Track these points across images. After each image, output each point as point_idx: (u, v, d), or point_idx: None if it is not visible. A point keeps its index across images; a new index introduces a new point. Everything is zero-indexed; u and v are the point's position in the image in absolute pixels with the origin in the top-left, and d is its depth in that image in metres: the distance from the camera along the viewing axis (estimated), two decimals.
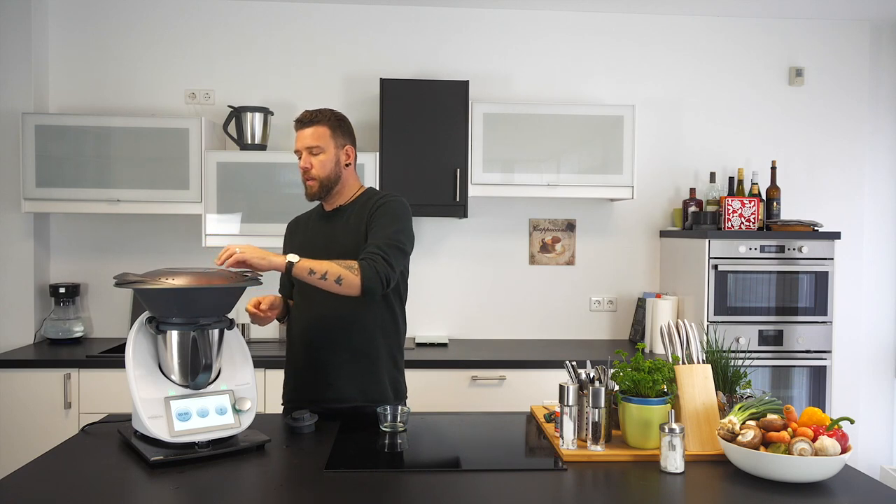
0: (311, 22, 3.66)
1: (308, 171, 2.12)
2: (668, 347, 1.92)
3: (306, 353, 2.15)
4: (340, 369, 2.11)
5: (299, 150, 2.13)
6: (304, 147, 2.12)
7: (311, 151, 2.12)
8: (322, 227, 2.20)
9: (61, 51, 3.57)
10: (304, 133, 2.13)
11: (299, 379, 2.17)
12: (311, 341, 2.14)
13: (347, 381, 2.11)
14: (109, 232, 3.61)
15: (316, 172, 2.12)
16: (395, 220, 2.08)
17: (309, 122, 2.13)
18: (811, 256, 3.29)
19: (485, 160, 3.36)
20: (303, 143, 2.12)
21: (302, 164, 2.12)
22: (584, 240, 3.78)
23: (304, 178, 2.15)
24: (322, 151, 2.12)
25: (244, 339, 1.99)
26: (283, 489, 1.57)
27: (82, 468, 1.67)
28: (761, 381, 3.25)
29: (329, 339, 2.12)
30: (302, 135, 2.13)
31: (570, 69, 3.74)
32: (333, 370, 2.11)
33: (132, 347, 1.78)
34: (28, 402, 3.01)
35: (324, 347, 2.12)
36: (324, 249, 2.09)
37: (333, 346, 2.12)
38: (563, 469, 1.69)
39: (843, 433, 1.62)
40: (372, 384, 2.12)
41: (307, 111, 2.16)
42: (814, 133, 3.82)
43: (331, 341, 2.12)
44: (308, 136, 2.12)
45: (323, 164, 2.12)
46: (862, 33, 3.81)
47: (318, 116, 2.14)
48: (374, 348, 2.14)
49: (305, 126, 2.13)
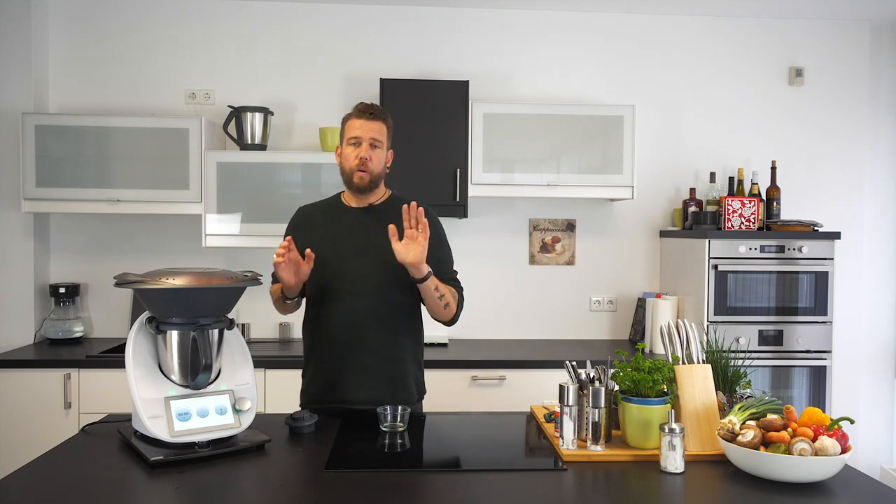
0: (311, 22, 3.66)
1: (366, 161, 2.10)
2: (668, 347, 1.92)
3: (338, 354, 2.13)
4: (373, 371, 2.12)
5: (360, 138, 2.10)
6: (367, 137, 2.11)
7: (372, 144, 2.12)
8: (358, 223, 2.17)
9: (61, 51, 3.57)
10: (369, 125, 2.11)
11: (328, 380, 2.14)
12: (343, 343, 2.12)
13: (379, 383, 2.12)
14: (109, 232, 3.61)
15: (372, 166, 2.12)
16: (448, 246, 2.23)
17: (375, 115, 2.13)
18: (811, 256, 3.29)
19: (485, 160, 3.36)
20: (367, 133, 2.11)
21: (362, 153, 2.10)
22: (584, 240, 3.78)
23: (355, 167, 2.11)
24: (380, 147, 2.14)
25: (244, 339, 1.98)
26: (283, 489, 1.57)
27: (82, 468, 1.67)
28: (761, 381, 3.25)
29: (363, 341, 2.12)
30: (367, 125, 2.11)
31: (570, 69, 3.74)
32: (366, 372, 2.12)
33: (132, 347, 1.78)
34: (28, 402, 3.01)
35: (357, 350, 2.12)
36: (364, 245, 2.12)
37: (367, 349, 2.12)
38: (563, 469, 1.69)
39: (843, 433, 1.62)
40: (400, 387, 2.16)
41: (369, 103, 2.15)
42: (814, 133, 3.82)
43: (365, 344, 2.12)
44: (375, 129, 2.12)
45: (379, 160, 2.14)
46: (862, 33, 3.81)
47: (382, 113, 2.15)
48: (403, 351, 2.17)
49: (372, 119, 2.12)
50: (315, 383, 2.18)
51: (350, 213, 2.19)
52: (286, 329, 3.60)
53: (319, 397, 2.16)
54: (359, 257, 2.12)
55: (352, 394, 2.10)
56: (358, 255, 2.13)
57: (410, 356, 2.20)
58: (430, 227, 2.04)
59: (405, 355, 2.18)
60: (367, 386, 2.11)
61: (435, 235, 2.13)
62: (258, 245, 3.31)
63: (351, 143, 2.12)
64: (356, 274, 2.12)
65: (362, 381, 2.11)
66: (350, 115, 2.15)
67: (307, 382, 2.22)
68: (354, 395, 2.09)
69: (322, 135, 3.44)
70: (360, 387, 2.11)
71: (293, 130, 3.66)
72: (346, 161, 2.13)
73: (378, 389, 2.11)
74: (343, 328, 2.12)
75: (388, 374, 2.14)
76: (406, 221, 1.98)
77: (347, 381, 2.12)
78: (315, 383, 2.18)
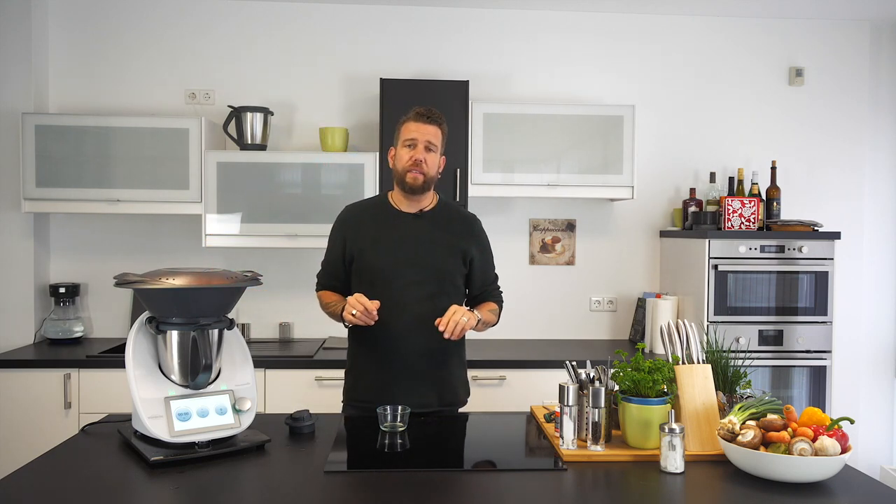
0: (311, 22, 3.66)
1: (421, 164, 2.14)
2: (668, 347, 1.92)
3: (387, 359, 2.16)
4: (422, 377, 2.17)
5: (416, 140, 2.14)
6: (424, 140, 2.15)
7: (427, 147, 2.15)
8: (409, 229, 2.20)
9: (61, 51, 3.57)
10: (427, 128, 2.15)
11: (377, 383, 2.17)
12: (392, 348, 2.15)
13: (427, 388, 2.17)
14: (109, 232, 3.61)
15: (427, 169, 2.15)
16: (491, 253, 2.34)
17: (433, 119, 2.17)
18: (811, 256, 3.29)
19: (485, 160, 3.36)
20: (424, 136, 2.15)
21: (418, 155, 2.14)
22: (584, 240, 3.78)
23: (410, 167, 2.14)
24: (435, 151, 2.18)
25: (244, 339, 1.99)
26: (283, 489, 1.57)
27: (82, 468, 1.67)
28: (761, 381, 3.25)
29: (413, 347, 2.15)
30: (425, 129, 2.15)
31: (570, 69, 3.74)
32: (415, 377, 2.16)
33: (132, 347, 1.78)
34: (28, 402, 3.01)
35: (407, 355, 2.15)
36: (415, 252, 2.16)
37: (417, 355, 2.15)
38: (563, 469, 1.69)
39: (843, 433, 1.62)
40: (448, 390, 2.22)
41: (427, 108, 2.19)
42: (814, 133, 3.82)
43: (415, 350, 2.15)
44: (431, 132, 2.16)
45: (433, 163, 2.18)
46: (862, 33, 3.81)
47: (439, 118, 2.19)
48: (450, 355, 2.23)
49: (430, 122, 2.16)
50: (361, 385, 2.21)
51: (401, 218, 2.21)
52: (286, 329, 3.60)
53: (367, 398, 2.17)
54: (410, 264, 2.16)
55: (403, 397, 2.10)
56: (409, 262, 2.16)
57: (457, 360, 2.27)
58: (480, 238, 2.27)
59: (452, 359, 2.24)
60: (416, 391, 2.15)
61: (482, 247, 2.28)
62: (258, 245, 3.31)
63: (406, 144, 2.16)
64: (407, 280, 2.15)
65: (412, 385, 2.15)
66: (407, 118, 2.19)
67: (352, 383, 2.25)
68: (405, 400, 2.09)
69: (322, 135, 3.44)
70: (411, 391, 2.14)
71: (293, 130, 3.66)
72: (401, 162, 2.17)
73: (427, 395, 2.17)
74: (393, 334, 2.14)
75: (437, 378, 2.20)
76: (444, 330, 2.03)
77: (397, 386, 2.15)
78: (361, 385, 2.21)
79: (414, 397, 2.13)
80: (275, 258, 3.63)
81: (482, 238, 2.30)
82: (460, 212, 2.32)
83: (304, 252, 3.58)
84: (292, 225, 3.28)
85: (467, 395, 2.31)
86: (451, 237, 2.22)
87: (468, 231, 2.27)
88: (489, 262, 2.32)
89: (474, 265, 2.26)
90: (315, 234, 3.26)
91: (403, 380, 2.16)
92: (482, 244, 2.29)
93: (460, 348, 2.29)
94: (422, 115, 2.16)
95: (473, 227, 2.30)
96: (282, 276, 3.61)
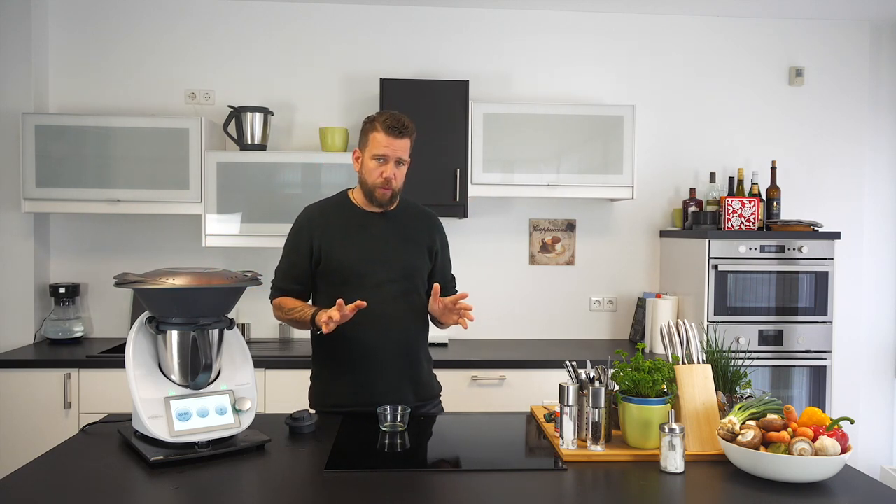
0: (311, 22, 3.66)
1: (390, 181, 2.10)
2: (668, 347, 1.92)
3: (361, 357, 2.14)
4: (398, 373, 2.16)
5: (387, 156, 2.09)
6: (395, 156, 2.10)
7: (398, 162, 2.12)
8: (376, 227, 2.18)
9: (61, 51, 3.57)
10: (399, 143, 2.09)
11: (353, 384, 2.15)
12: (367, 347, 2.13)
13: (403, 383, 2.17)
14: (109, 232, 3.61)
15: (396, 184, 2.13)
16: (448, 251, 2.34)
17: (405, 132, 2.10)
18: (811, 256, 3.29)
19: (485, 160, 3.36)
20: (396, 152, 2.09)
21: (388, 173, 2.09)
22: (584, 240, 3.78)
23: (379, 185, 2.10)
24: (405, 164, 2.15)
25: (244, 339, 1.98)
26: (283, 489, 1.57)
27: (82, 468, 1.67)
28: (761, 381, 3.25)
29: (386, 344, 2.14)
30: (397, 144, 2.09)
31: (570, 69, 3.74)
32: (391, 374, 2.15)
33: (132, 347, 1.78)
34: (28, 402, 3.01)
35: (381, 352, 2.14)
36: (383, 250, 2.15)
37: (391, 352, 2.15)
38: (563, 469, 1.69)
39: (843, 433, 1.62)
40: (420, 385, 2.22)
41: (400, 117, 2.10)
42: (814, 133, 3.82)
43: (388, 347, 2.14)
44: (402, 148, 2.11)
45: (402, 175, 2.16)
46: (862, 33, 3.81)
47: (410, 128, 2.12)
48: (420, 351, 2.24)
49: (402, 136, 2.10)
50: (337, 387, 2.18)
51: (367, 217, 2.20)
52: (286, 329, 3.60)
53: (342, 402, 2.15)
54: (381, 262, 2.15)
55: (381, 397, 2.10)
56: (380, 260, 2.15)
57: (425, 356, 2.28)
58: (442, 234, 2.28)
59: (421, 355, 2.25)
60: (393, 388, 2.15)
61: (444, 243, 2.29)
62: (258, 245, 3.31)
63: (376, 158, 2.10)
64: (379, 278, 2.14)
65: (389, 384, 2.14)
66: (376, 128, 2.09)
67: (323, 385, 2.22)
68: (383, 398, 2.08)
69: (322, 135, 3.44)
70: (388, 390, 2.13)
71: (293, 130, 3.66)
72: (370, 175, 2.12)
73: (404, 390, 2.17)
74: (365, 332, 2.12)
75: (412, 374, 2.20)
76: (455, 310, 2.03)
77: (374, 385, 2.13)
78: (337, 387, 2.18)
79: (391, 396, 2.11)
80: (275, 258, 3.59)
81: (443, 234, 2.31)
82: (421, 209, 2.31)
83: None
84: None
85: (440, 388, 2.32)
86: (417, 234, 2.22)
87: (432, 227, 2.28)
88: (448, 259, 2.34)
89: (437, 260, 2.26)
90: None
91: (380, 379, 2.14)
92: (443, 239, 2.30)
93: (425, 344, 2.29)
94: (393, 128, 2.07)
95: (436, 223, 2.30)
96: None
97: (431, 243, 2.25)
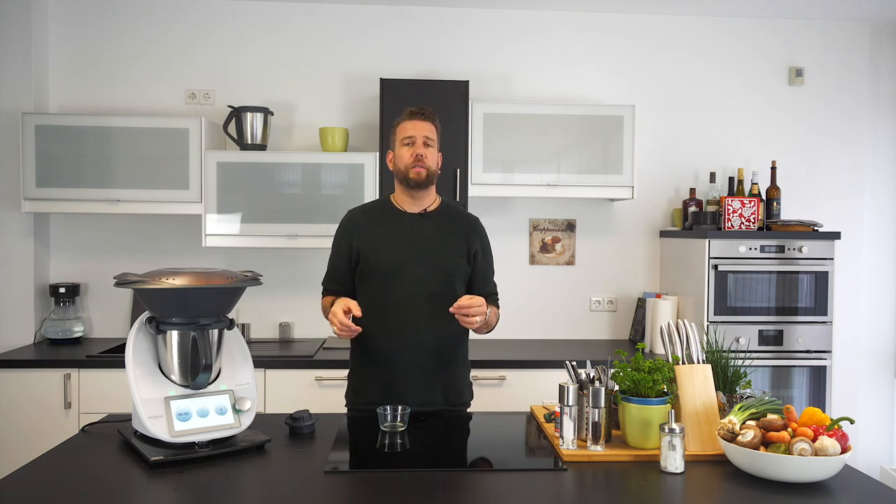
0: (311, 22, 3.66)
1: (423, 158, 2.16)
2: (668, 347, 1.92)
3: (393, 358, 2.15)
4: (429, 375, 2.17)
5: (414, 137, 2.16)
6: (421, 135, 2.17)
7: (425, 142, 2.17)
8: (414, 228, 2.20)
9: (61, 51, 3.57)
10: (421, 124, 2.18)
11: (384, 383, 2.16)
12: (399, 347, 2.15)
13: (434, 385, 2.18)
14: (109, 232, 3.61)
15: (429, 162, 2.17)
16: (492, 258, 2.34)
17: (426, 116, 2.20)
18: (811, 256, 3.29)
19: (485, 160, 3.36)
20: (420, 132, 2.17)
21: (418, 150, 2.16)
22: (584, 240, 3.78)
23: (412, 164, 2.16)
24: (433, 145, 2.20)
25: (244, 339, 1.99)
26: (283, 489, 1.57)
27: (82, 468, 1.67)
28: (761, 381, 3.25)
29: (419, 345, 2.15)
30: (419, 125, 2.18)
31: (570, 69, 3.74)
32: (422, 376, 2.16)
33: (132, 347, 1.78)
34: (28, 402, 3.01)
35: (414, 353, 2.15)
36: (420, 251, 2.17)
37: (423, 353, 2.15)
38: (563, 469, 1.69)
39: (843, 433, 1.62)
40: (452, 390, 2.22)
41: (419, 106, 2.22)
42: (814, 133, 3.82)
43: (421, 348, 2.15)
44: (427, 129, 2.19)
45: (433, 157, 2.20)
46: (862, 33, 3.81)
47: (432, 114, 2.22)
48: (455, 353, 2.24)
49: (424, 119, 2.19)
50: (368, 385, 2.20)
51: (405, 218, 2.22)
52: (286, 329, 3.60)
53: (373, 400, 2.14)
54: (415, 263, 2.16)
55: (408, 396, 2.11)
56: (414, 261, 2.16)
57: (461, 360, 2.28)
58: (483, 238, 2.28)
59: (457, 358, 2.25)
60: (423, 389, 2.15)
61: (485, 247, 2.29)
62: (258, 245, 3.31)
63: (405, 143, 2.17)
64: (414, 278, 2.15)
65: (419, 384, 2.15)
66: (401, 119, 2.22)
67: (357, 383, 2.24)
68: (412, 398, 2.10)
69: (322, 135, 3.44)
70: (417, 390, 2.14)
71: (293, 130, 3.66)
72: (402, 160, 2.18)
73: (433, 392, 2.17)
74: (399, 333, 2.14)
75: (443, 377, 2.20)
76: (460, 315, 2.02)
77: (404, 386, 2.14)
78: (368, 385, 2.20)
79: (421, 397, 2.13)
80: (275, 258, 3.63)
81: (485, 238, 2.31)
82: (462, 211, 2.34)
83: (304, 252, 3.58)
84: (292, 225, 3.29)
85: (471, 396, 2.31)
86: (456, 236, 2.23)
87: (471, 228, 2.28)
88: (490, 265, 2.32)
89: (477, 262, 2.26)
90: (315, 234, 3.26)
91: (410, 380, 2.15)
92: (485, 244, 2.30)
93: (464, 348, 2.29)
94: (415, 113, 2.19)
95: (477, 226, 2.31)
96: (282, 276, 3.62)
97: (470, 245, 2.24)
